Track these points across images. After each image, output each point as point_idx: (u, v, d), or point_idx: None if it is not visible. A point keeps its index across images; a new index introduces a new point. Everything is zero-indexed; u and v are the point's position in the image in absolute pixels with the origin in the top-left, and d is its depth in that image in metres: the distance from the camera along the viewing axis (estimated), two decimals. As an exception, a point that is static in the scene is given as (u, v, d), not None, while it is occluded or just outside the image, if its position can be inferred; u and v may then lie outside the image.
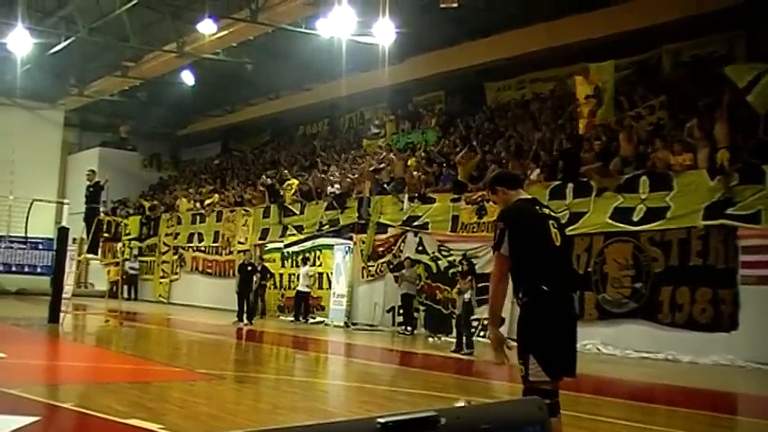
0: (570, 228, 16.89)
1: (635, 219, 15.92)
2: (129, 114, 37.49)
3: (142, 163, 39.55)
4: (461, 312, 15.92)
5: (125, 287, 30.82)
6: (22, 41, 25.47)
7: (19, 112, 35.04)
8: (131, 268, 32.61)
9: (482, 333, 18.15)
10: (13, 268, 30.81)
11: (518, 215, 5.20)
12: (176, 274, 31.32)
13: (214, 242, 28.95)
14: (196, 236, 30.17)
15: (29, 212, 21.81)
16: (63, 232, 19.75)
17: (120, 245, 32.77)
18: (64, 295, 18.93)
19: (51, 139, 36.54)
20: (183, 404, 8.90)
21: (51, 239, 25.76)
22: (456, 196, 19.98)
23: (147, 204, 34.70)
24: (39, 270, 30.21)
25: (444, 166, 21.82)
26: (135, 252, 33.40)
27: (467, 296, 15.90)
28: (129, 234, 33.77)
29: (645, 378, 13.12)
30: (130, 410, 7.77)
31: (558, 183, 17.60)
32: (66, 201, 22.26)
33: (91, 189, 19.75)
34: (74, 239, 20.39)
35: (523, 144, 20.72)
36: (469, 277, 16.31)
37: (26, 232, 23.69)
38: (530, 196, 5.54)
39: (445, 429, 1.24)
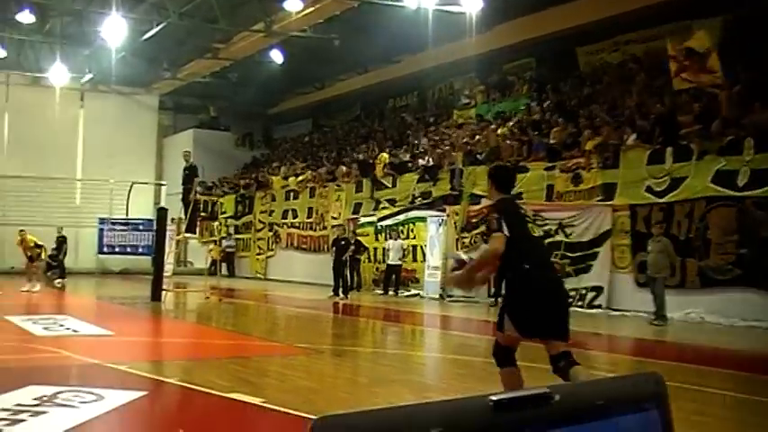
0: (670, 194, 16.49)
1: (739, 182, 15.34)
2: (221, 95, 38.02)
3: (235, 142, 40.12)
4: None
5: (223, 265, 31.42)
6: (116, 29, 26.04)
7: (116, 99, 35.91)
8: (228, 246, 33.20)
9: (579, 303, 17.95)
10: (116, 249, 31.70)
11: (506, 208, 6.15)
12: (272, 250, 31.75)
13: (308, 218, 29.21)
14: (290, 212, 30.49)
15: (129, 195, 22.42)
16: (162, 213, 20.21)
17: (216, 223, 33.39)
18: (165, 274, 19.39)
19: (147, 123, 37.35)
20: (283, 378, 8.98)
21: (151, 220, 26.40)
22: (550, 164, 19.66)
23: (241, 183, 35.24)
24: (140, 250, 30.97)
25: (536, 134, 21.48)
26: (231, 230, 33.98)
27: None
28: (224, 213, 34.37)
29: (753, 348, 12.69)
30: (232, 385, 7.87)
31: (656, 147, 17.13)
32: (163, 182, 22.79)
33: (187, 170, 20.11)
34: (172, 219, 20.82)
35: (618, 108, 20.22)
36: None
37: (127, 214, 24.39)
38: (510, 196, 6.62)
39: (559, 406, 1.15)
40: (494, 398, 1.13)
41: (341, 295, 21.48)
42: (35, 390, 7.21)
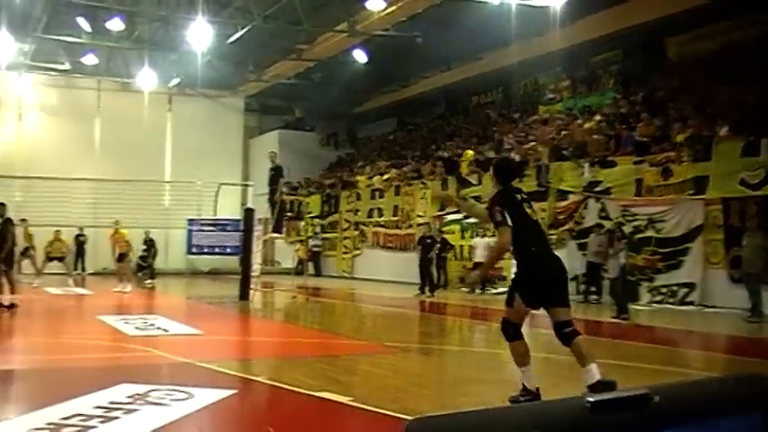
0: (766, 186, 15.97)
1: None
2: (306, 96, 38.33)
3: (320, 142, 40.41)
4: (616, 276, 15.43)
5: (309, 264, 31.67)
6: (202, 34, 26.51)
7: (202, 102, 36.56)
8: (314, 245, 33.46)
9: (670, 300, 17.54)
10: (205, 249, 32.23)
11: (506, 200, 6.86)
12: (358, 249, 31.87)
13: (393, 216, 29.23)
14: (376, 211, 30.56)
15: (217, 196, 22.75)
16: (249, 213, 20.46)
17: (302, 223, 33.68)
18: (252, 273, 19.62)
19: (233, 125, 37.90)
20: (371, 377, 8.96)
21: (238, 221, 26.74)
22: (639, 159, 19.23)
23: (326, 183, 35.47)
24: (228, 250, 31.41)
25: (624, 128, 21.04)
26: (317, 229, 34.23)
27: (622, 260, 15.38)
28: (310, 212, 34.64)
29: None
30: (320, 383, 7.88)
31: (750, 138, 16.59)
32: (250, 183, 23.06)
33: (273, 171, 20.31)
34: (259, 220, 21.06)
35: (709, 99, 19.65)
36: (624, 241, 15.78)
37: (215, 215, 24.73)
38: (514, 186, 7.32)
39: (659, 408, 1.07)
40: (591, 399, 1.06)
41: (427, 293, 21.42)
42: (128, 388, 7.35)
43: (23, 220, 22.40)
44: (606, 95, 24.97)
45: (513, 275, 7.51)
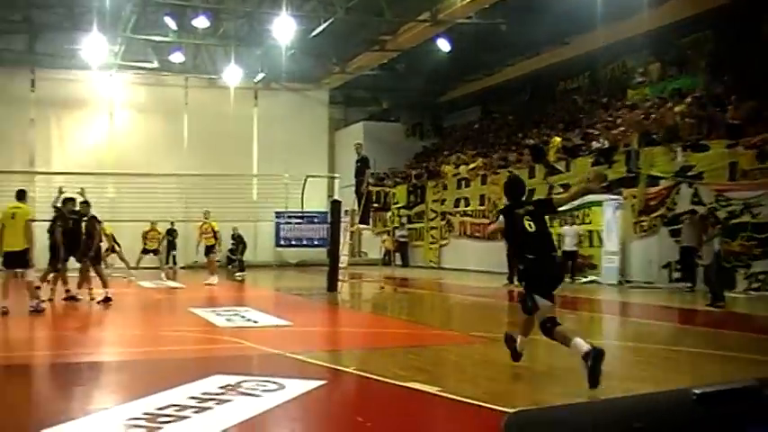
0: None
1: None
2: (390, 86, 38.38)
3: (405, 133, 40.41)
4: (710, 263, 14.97)
5: (396, 254, 31.71)
6: (285, 28, 26.75)
7: (287, 95, 36.93)
8: (401, 236, 33.49)
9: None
10: (293, 242, 32.57)
11: (506, 214, 8.39)
12: (445, 239, 31.80)
13: (480, 206, 29.04)
14: (462, 200, 30.42)
15: (304, 188, 22.89)
16: (335, 205, 20.56)
17: (389, 214, 33.75)
18: (340, 265, 19.71)
19: (318, 118, 38.18)
20: (460, 367, 8.91)
21: (325, 213, 26.95)
22: (732, 142, 18.65)
23: (412, 173, 35.46)
24: (315, 242, 31.70)
25: (717, 111, 20.43)
26: (404, 220, 34.25)
27: (716, 246, 14.91)
28: (397, 203, 34.69)
29: None
30: (409, 374, 7.85)
31: None
32: (336, 175, 23.18)
33: (359, 162, 20.35)
34: (346, 211, 21.15)
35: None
36: (719, 226, 15.30)
37: (302, 207, 24.94)
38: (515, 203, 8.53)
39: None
40: (697, 391, 1.00)
41: (516, 283, 21.22)
42: (220, 379, 7.44)
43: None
44: (697, 78, 24.26)
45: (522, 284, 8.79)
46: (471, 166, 30.51)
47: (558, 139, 26.00)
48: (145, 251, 24.54)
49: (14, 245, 14.05)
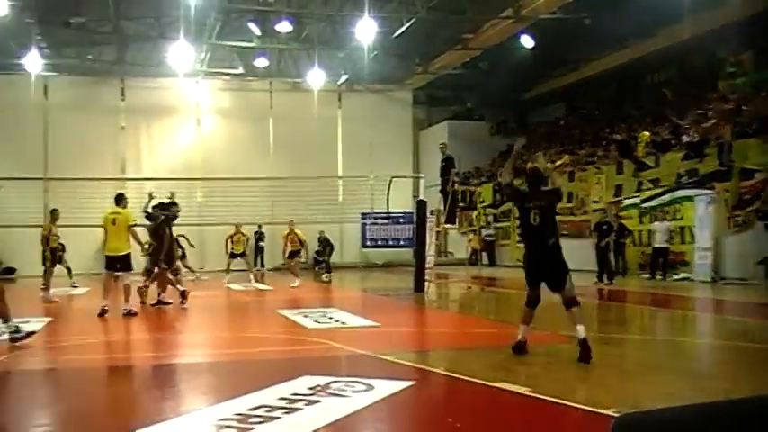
0: None
1: None
2: (473, 85, 38.18)
3: (489, 131, 40.12)
4: None
5: (483, 254, 31.49)
6: (368, 30, 26.84)
7: (371, 97, 37.07)
8: (487, 235, 33.26)
9: None
10: (379, 242, 32.69)
11: (520, 201, 9.75)
12: (532, 237, 31.41)
13: (568, 203, 28.62)
14: (549, 198, 30.02)
15: (389, 189, 22.92)
16: (421, 205, 20.52)
17: (475, 213, 33.55)
18: (426, 265, 19.65)
19: (402, 118, 38.23)
20: (549, 367, 8.76)
21: (411, 213, 26.93)
22: (831, 131, 17.98)
23: (498, 171, 35.16)
24: (401, 243, 31.77)
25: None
26: (490, 219, 34.00)
27: None
28: (483, 202, 34.46)
29: None
30: (498, 374, 7.76)
31: None
32: (421, 175, 23.14)
33: (444, 162, 20.27)
34: (431, 211, 21.08)
35: None
36: None
37: (387, 208, 25.00)
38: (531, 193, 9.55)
39: None
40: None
41: (605, 281, 20.85)
42: (309, 380, 7.47)
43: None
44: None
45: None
46: (558, 162, 30.10)
47: (647, 133, 25.47)
48: (232, 255, 24.83)
49: (116, 249, 14.41)
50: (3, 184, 25.16)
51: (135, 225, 14.96)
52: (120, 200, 14.92)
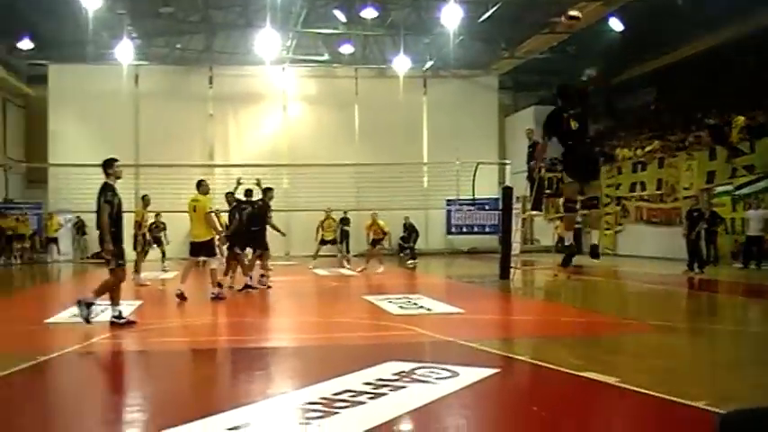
0: None
1: None
2: (561, 69, 37.60)
3: (575, 117, 39.41)
4: None
5: (570, 241, 31.04)
6: (453, 15, 26.68)
7: (456, 82, 36.88)
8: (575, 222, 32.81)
9: None
10: (464, 229, 32.56)
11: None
12: (620, 225, 30.93)
13: (657, 190, 28.04)
14: (638, 185, 29.48)
15: (474, 175, 22.76)
16: (507, 192, 20.34)
17: (561, 200, 33.10)
18: (512, 252, 19.50)
19: (488, 104, 37.93)
20: (637, 357, 8.60)
21: (496, 199, 26.73)
22: None
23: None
24: (487, 229, 31.59)
25: None
26: (577, 206, 33.50)
27: None
28: (570, 188, 33.96)
29: None
30: (584, 363, 7.65)
31: None
32: (507, 161, 22.93)
33: (530, 148, 20.05)
34: (517, 198, 20.88)
35: None
36: None
37: (473, 194, 24.83)
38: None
39: None
40: None
41: (696, 270, 20.38)
42: (394, 365, 7.50)
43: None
44: None
45: None
46: (647, 148, 29.50)
47: (742, 118, 24.72)
48: (323, 242, 24.94)
49: (198, 236, 14.70)
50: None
51: (212, 211, 15.13)
52: (199, 186, 15.08)
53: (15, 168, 33.62)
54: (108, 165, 11.09)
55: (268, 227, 17.55)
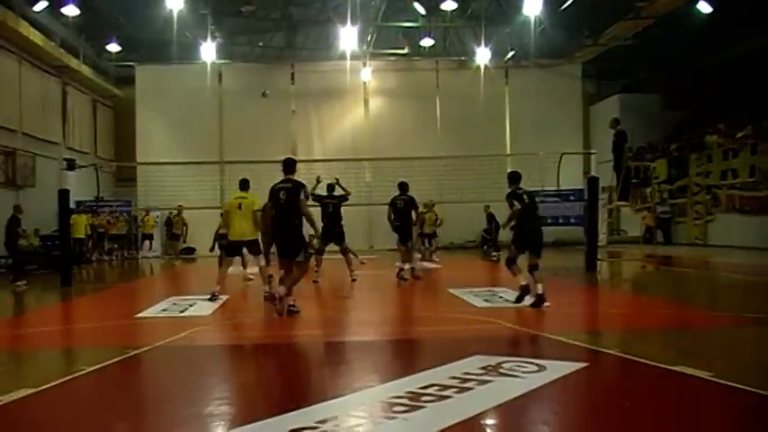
0: None
1: None
2: (645, 56, 36.80)
3: (663, 104, 38.61)
4: None
5: (658, 231, 30.48)
6: (535, 4, 26.35)
7: (538, 72, 36.40)
8: (662, 212, 32.18)
9: None
10: (548, 220, 32.10)
11: (514, 195, 12.52)
12: (711, 214, 30.17)
13: (750, 177, 27.25)
14: (729, 173, 28.70)
15: (559, 166, 22.50)
16: (592, 182, 20.03)
17: (649, 189, 32.51)
18: (599, 243, 19.19)
19: (571, 93, 37.35)
20: (731, 351, 8.36)
21: (581, 190, 26.34)
22: None
23: (672, 146, 33.89)
24: (572, 221, 31.09)
25: None
26: (665, 195, 32.87)
27: None
28: (657, 178, 33.32)
29: None
30: (675, 357, 7.48)
31: None
32: (592, 151, 22.57)
33: (616, 137, 19.73)
34: (603, 188, 20.54)
35: None
36: None
37: (558, 185, 24.52)
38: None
39: None
40: None
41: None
42: (480, 359, 7.46)
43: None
44: None
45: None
46: (739, 135, 28.67)
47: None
48: (422, 235, 24.77)
49: (242, 234, 14.53)
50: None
51: (258, 210, 14.86)
52: (245, 185, 14.98)
53: (105, 167, 34.56)
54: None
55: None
